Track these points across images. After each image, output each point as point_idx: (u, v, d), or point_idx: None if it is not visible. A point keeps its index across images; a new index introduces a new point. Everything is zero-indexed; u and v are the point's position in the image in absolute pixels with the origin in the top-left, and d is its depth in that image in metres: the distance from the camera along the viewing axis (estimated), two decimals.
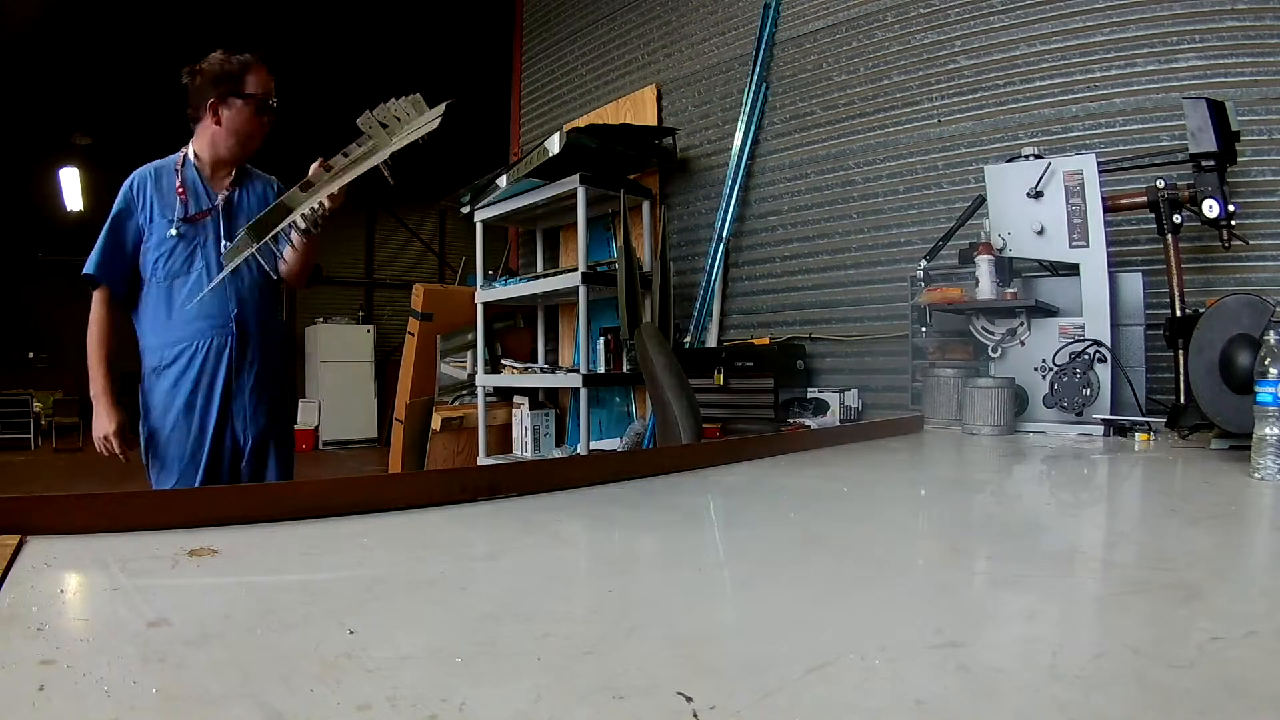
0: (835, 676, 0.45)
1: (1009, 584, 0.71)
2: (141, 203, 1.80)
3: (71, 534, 0.75)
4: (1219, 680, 0.45)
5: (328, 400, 9.80)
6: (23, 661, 0.45)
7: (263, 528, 0.82)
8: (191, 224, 1.80)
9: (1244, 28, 2.31)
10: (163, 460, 1.79)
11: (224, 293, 1.80)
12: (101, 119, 7.84)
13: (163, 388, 1.79)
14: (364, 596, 0.62)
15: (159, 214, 1.80)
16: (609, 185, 3.51)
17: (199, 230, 1.81)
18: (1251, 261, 2.26)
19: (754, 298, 3.49)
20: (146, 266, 1.80)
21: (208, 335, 1.79)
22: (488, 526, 0.93)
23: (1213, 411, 1.46)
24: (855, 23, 3.14)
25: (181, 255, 1.79)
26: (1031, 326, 2.10)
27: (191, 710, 0.40)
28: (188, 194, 1.82)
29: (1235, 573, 0.75)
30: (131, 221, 1.80)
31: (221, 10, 5.96)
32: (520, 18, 4.94)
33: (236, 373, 1.82)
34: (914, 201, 2.95)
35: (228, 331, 1.80)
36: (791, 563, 0.78)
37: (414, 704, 0.40)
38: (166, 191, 1.81)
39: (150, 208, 1.80)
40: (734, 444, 1.64)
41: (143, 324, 1.82)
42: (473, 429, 4.23)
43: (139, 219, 1.80)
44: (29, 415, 9.22)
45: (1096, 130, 2.52)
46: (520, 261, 4.77)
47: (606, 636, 0.53)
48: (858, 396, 3.02)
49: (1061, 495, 1.26)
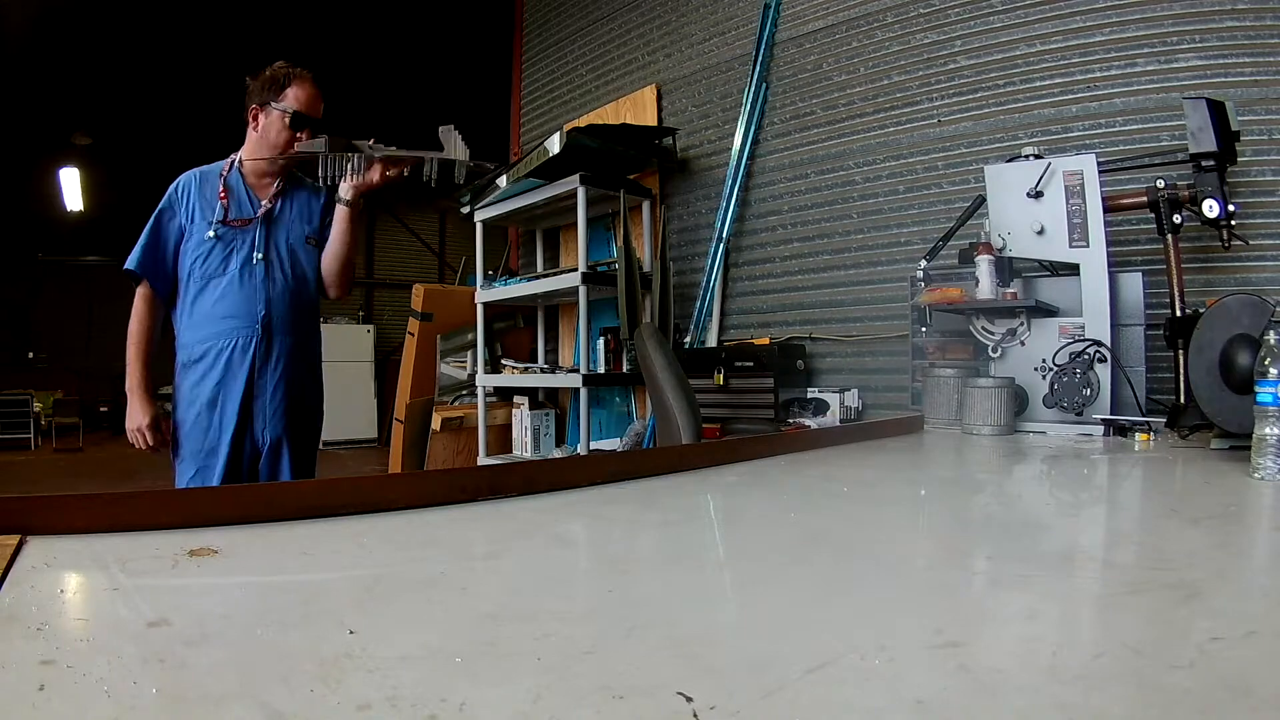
0: (835, 676, 0.45)
1: (1009, 584, 0.71)
2: (185, 204, 1.85)
3: (71, 534, 0.75)
4: (1219, 680, 0.45)
5: (328, 400, 9.74)
6: (23, 661, 0.45)
7: (262, 528, 0.82)
8: (230, 227, 1.84)
9: (1244, 28, 2.31)
10: (183, 452, 1.84)
11: (254, 295, 1.85)
12: (101, 119, 7.83)
13: (189, 382, 1.83)
14: (364, 596, 0.62)
15: (200, 216, 1.84)
16: (609, 185, 3.51)
17: (237, 234, 1.85)
18: (1251, 261, 2.26)
19: (754, 298, 3.49)
20: (185, 266, 1.84)
21: (234, 334, 1.83)
22: (488, 526, 0.93)
23: (1213, 411, 1.46)
24: (855, 23, 3.14)
25: (218, 257, 1.83)
26: (1031, 326, 2.10)
27: (191, 710, 0.40)
28: (229, 198, 1.86)
29: (1235, 573, 0.75)
30: (174, 221, 1.84)
31: (221, 9, 5.96)
32: (520, 18, 4.94)
33: (259, 373, 1.85)
34: (914, 201, 2.95)
35: (253, 332, 1.84)
36: (791, 563, 0.78)
37: (414, 704, 0.40)
38: (210, 195, 1.86)
39: (193, 210, 1.84)
40: (734, 444, 1.64)
41: (179, 320, 1.87)
42: (473, 429, 4.23)
43: (181, 219, 1.84)
44: (29, 415, 9.22)
45: (1096, 130, 2.52)
46: (520, 261, 4.77)
47: (606, 636, 0.53)
48: (858, 396, 3.02)
49: (1061, 495, 1.26)
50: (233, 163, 1.91)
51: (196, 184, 1.87)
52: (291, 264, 1.91)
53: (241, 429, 1.83)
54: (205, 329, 1.83)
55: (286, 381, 1.89)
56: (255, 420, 1.85)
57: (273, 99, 1.84)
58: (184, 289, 1.85)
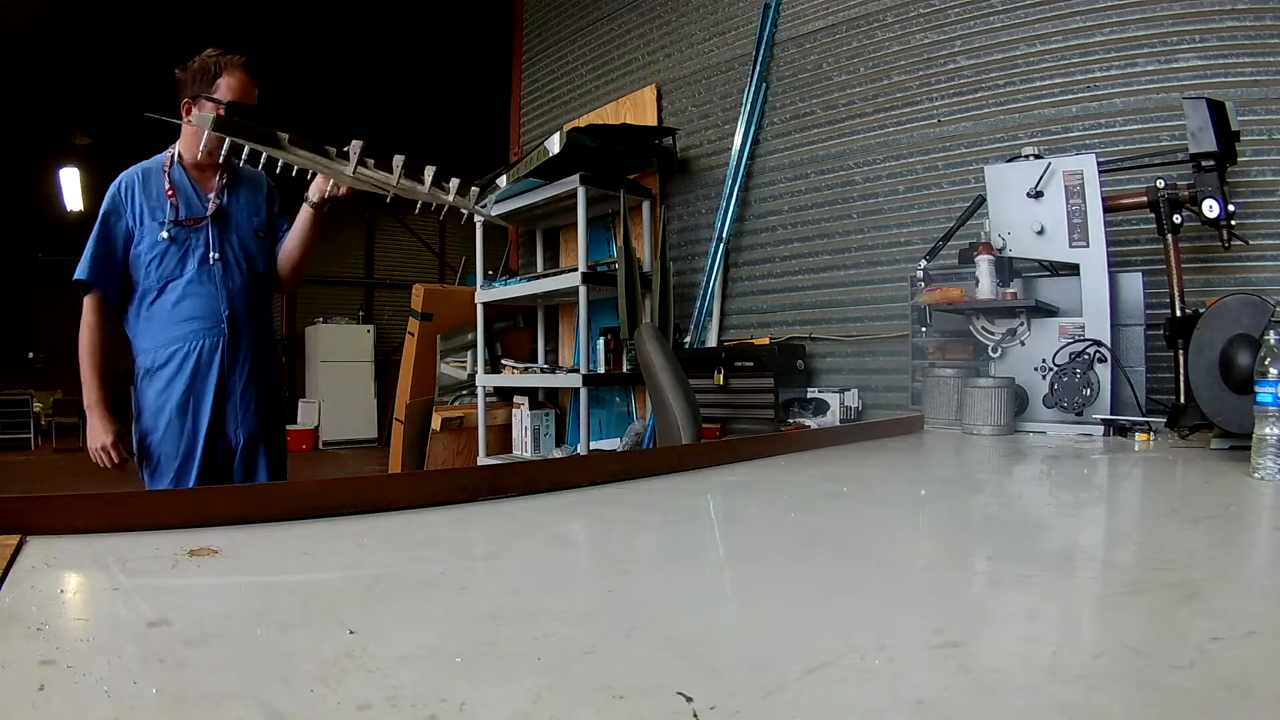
0: (835, 676, 0.45)
1: (1009, 584, 0.71)
2: (130, 205, 1.77)
3: (71, 534, 0.75)
4: (1219, 680, 0.45)
5: (328, 400, 9.80)
6: (23, 661, 0.45)
7: (262, 528, 0.82)
8: (183, 227, 1.78)
9: (1244, 28, 2.31)
10: (156, 462, 1.79)
11: (215, 293, 1.80)
12: (101, 119, 7.83)
13: (155, 389, 1.77)
14: (364, 596, 0.62)
15: (149, 216, 1.77)
16: (609, 185, 3.51)
17: (190, 234, 1.79)
18: (1251, 261, 2.26)
19: (754, 298, 3.49)
20: (139, 269, 1.78)
21: (200, 336, 1.78)
22: (488, 526, 0.93)
23: (1213, 411, 1.46)
24: (855, 23, 3.14)
25: (174, 258, 1.77)
26: (1031, 326, 2.10)
27: (191, 710, 0.40)
28: (177, 196, 1.79)
29: (1235, 573, 0.75)
30: (120, 224, 1.77)
31: (220, 8, 5.96)
32: (520, 18, 4.94)
33: (228, 374, 1.81)
34: (914, 201, 2.95)
35: (219, 332, 1.80)
36: (791, 562, 0.78)
37: (414, 704, 0.40)
38: (155, 193, 1.78)
39: (139, 210, 1.77)
40: (734, 444, 1.64)
41: (135, 326, 1.81)
42: (473, 429, 4.23)
43: (128, 221, 1.77)
44: (29, 415, 9.22)
45: (1096, 130, 2.52)
46: (520, 261, 4.77)
47: (606, 636, 0.53)
48: (858, 396, 3.02)
49: (1061, 495, 1.26)
50: (173, 157, 1.82)
51: (140, 182, 1.79)
52: (246, 260, 1.86)
53: (214, 431, 1.80)
54: (167, 332, 1.77)
55: (256, 379, 1.86)
56: (228, 421, 1.82)
57: (204, 91, 1.74)
58: (138, 293, 1.78)
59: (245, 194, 1.90)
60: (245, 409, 1.84)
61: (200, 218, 1.80)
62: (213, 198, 1.83)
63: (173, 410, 1.77)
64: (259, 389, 1.87)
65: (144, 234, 1.77)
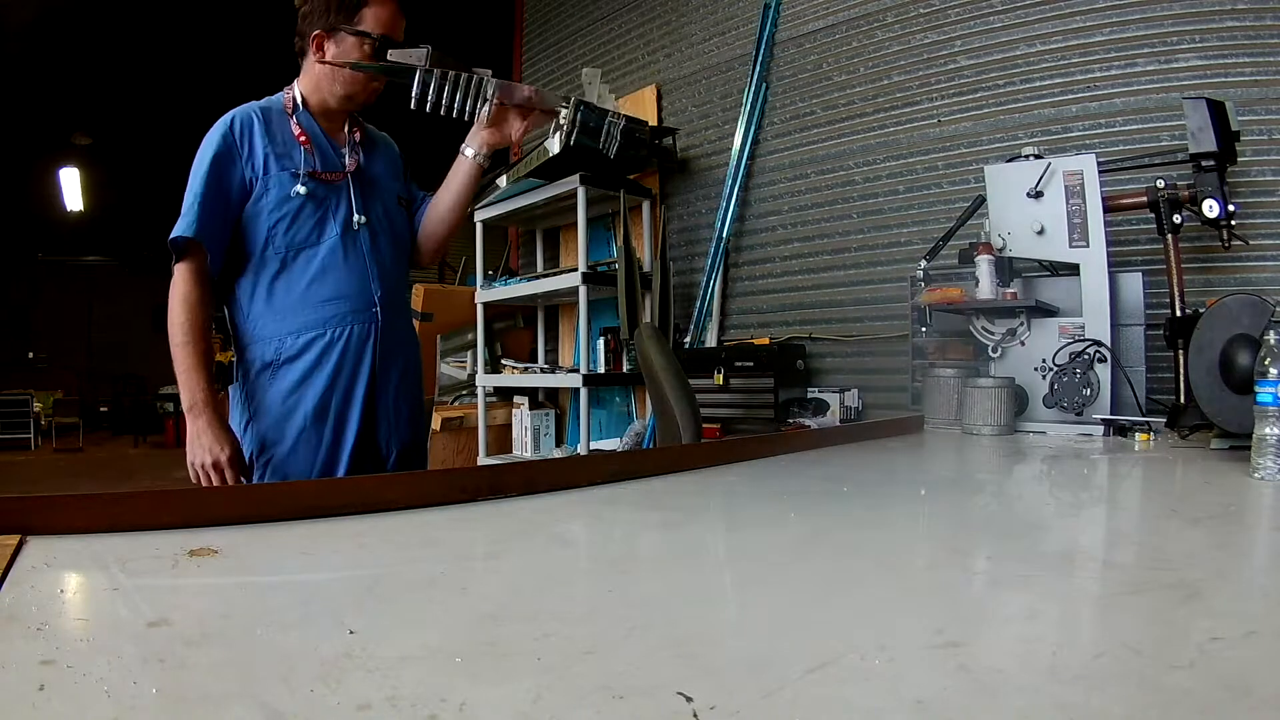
0: (835, 676, 0.45)
1: (1009, 584, 0.71)
2: (248, 149, 1.40)
3: (71, 534, 0.75)
4: (1219, 680, 0.45)
5: None
6: (23, 661, 0.45)
7: (262, 528, 0.82)
8: (321, 182, 1.42)
9: (1244, 28, 2.31)
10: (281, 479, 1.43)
11: (364, 268, 1.44)
12: (101, 119, 7.84)
13: (281, 388, 1.41)
14: (364, 596, 0.62)
15: (276, 165, 1.40)
16: (609, 185, 3.51)
17: (329, 192, 1.43)
18: (1251, 261, 2.26)
19: (754, 298, 3.49)
20: (257, 232, 1.40)
21: (346, 321, 1.42)
22: (488, 526, 0.93)
23: (1213, 411, 1.46)
24: (855, 23, 3.14)
25: (308, 221, 1.41)
26: (1031, 326, 2.10)
27: (191, 710, 0.40)
28: (312, 145, 1.44)
29: (1235, 573, 0.75)
30: (235, 170, 1.39)
31: (221, 9, 5.96)
32: (520, 18, 4.94)
33: (382, 370, 1.47)
34: (914, 201, 2.95)
35: (370, 316, 1.44)
36: (791, 562, 0.78)
37: (414, 704, 0.40)
38: (281, 138, 1.43)
39: (263, 156, 1.40)
40: (734, 444, 1.64)
41: (250, 307, 1.43)
42: (473, 429, 4.23)
43: (242, 170, 1.39)
44: (29, 415, 9.23)
45: (1096, 130, 2.52)
46: (520, 261, 4.77)
47: (606, 636, 0.53)
48: (858, 396, 3.02)
49: (1061, 495, 1.26)
50: (295, 100, 1.47)
51: (259, 120, 1.42)
52: (393, 230, 1.53)
53: (363, 443, 1.45)
54: (302, 316, 1.41)
55: (410, 377, 1.54)
56: (379, 430, 1.48)
57: (344, 21, 1.40)
58: (252, 263, 1.41)
59: (385, 155, 1.59)
60: (399, 414, 1.50)
61: (339, 173, 1.46)
62: (347, 152, 1.49)
63: (308, 415, 1.41)
64: (413, 389, 1.55)
65: (269, 186, 1.40)
